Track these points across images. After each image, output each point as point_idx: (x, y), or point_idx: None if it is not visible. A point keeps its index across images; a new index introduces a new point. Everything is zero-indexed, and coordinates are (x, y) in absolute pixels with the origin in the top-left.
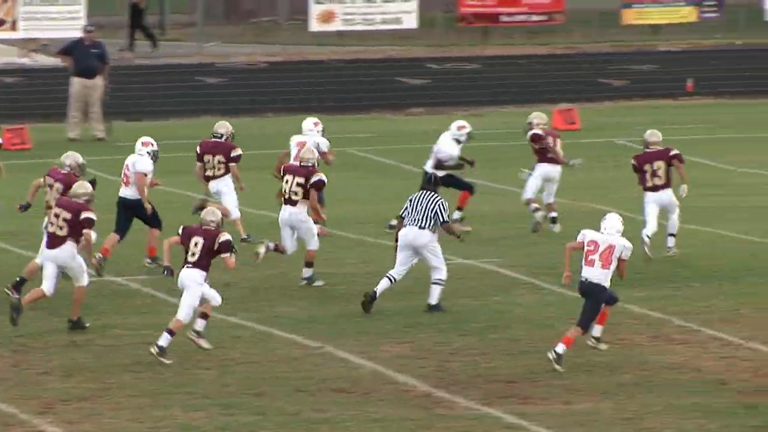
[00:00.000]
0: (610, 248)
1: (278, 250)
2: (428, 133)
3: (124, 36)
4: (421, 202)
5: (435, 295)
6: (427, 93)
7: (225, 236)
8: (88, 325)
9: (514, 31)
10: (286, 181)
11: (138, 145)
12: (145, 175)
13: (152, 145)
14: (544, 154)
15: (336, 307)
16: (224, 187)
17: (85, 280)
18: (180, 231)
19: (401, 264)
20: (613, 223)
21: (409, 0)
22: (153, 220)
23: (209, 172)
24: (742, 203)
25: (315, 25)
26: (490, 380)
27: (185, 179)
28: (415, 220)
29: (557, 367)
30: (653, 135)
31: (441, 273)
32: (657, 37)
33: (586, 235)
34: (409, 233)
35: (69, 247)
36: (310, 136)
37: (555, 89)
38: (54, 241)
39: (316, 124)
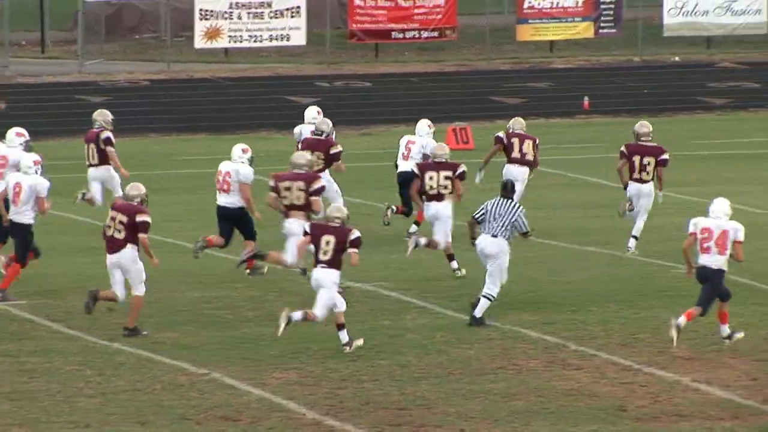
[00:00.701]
0: (724, 233)
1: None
2: None
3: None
4: (499, 209)
5: (482, 307)
6: None
7: (356, 233)
8: (145, 333)
9: (405, 48)
10: None
11: (237, 152)
12: (250, 184)
13: (250, 151)
14: (509, 156)
15: (221, 332)
16: None
17: (142, 290)
18: (308, 230)
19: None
20: (721, 206)
21: (298, 16)
22: (250, 232)
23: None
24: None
25: (200, 42)
26: (381, 407)
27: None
28: (490, 228)
29: (674, 335)
30: (643, 126)
31: (494, 288)
32: (553, 53)
33: (698, 223)
34: (481, 242)
35: (130, 250)
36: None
37: (449, 108)
38: (113, 245)
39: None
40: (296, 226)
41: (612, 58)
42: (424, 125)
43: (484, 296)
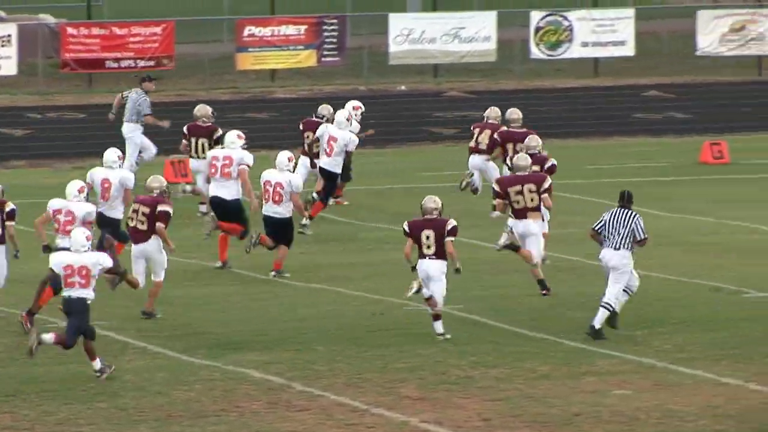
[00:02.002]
0: None
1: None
2: (48, 187)
3: None
4: (619, 220)
5: (600, 318)
6: (28, 145)
7: (452, 222)
8: (158, 315)
9: (121, 77)
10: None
11: (283, 159)
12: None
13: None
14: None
15: None
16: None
17: (162, 276)
18: (406, 228)
19: (611, 289)
20: None
21: (8, 45)
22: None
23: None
24: (368, 260)
25: None
26: None
27: None
28: (612, 242)
29: None
30: (514, 113)
31: (612, 297)
32: (275, 83)
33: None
34: (605, 255)
35: (154, 240)
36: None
37: (167, 139)
38: (137, 236)
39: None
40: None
41: (336, 87)
42: (342, 117)
43: (604, 306)
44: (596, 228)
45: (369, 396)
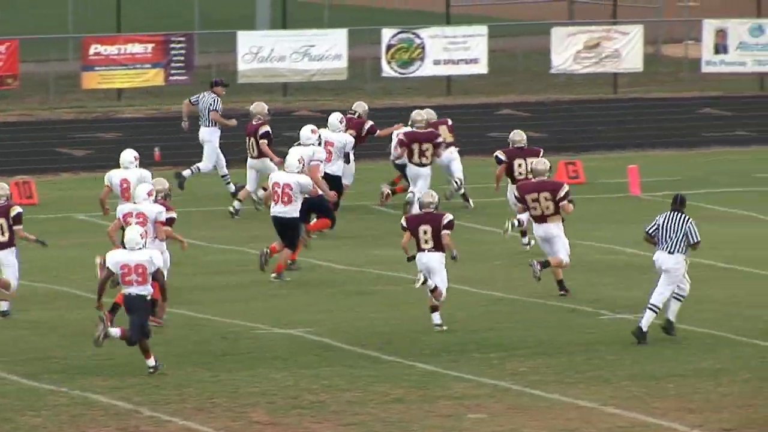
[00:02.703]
0: None
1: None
2: None
3: None
4: (672, 224)
5: (647, 320)
6: None
7: (449, 216)
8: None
9: None
10: None
11: (293, 161)
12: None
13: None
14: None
15: None
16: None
17: (165, 274)
18: (404, 223)
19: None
20: None
21: None
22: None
23: None
24: (217, 283)
25: None
26: None
27: None
28: (666, 245)
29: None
30: (418, 114)
31: (660, 299)
32: (122, 102)
33: None
34: (659, 258)
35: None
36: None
37: (11, 160)
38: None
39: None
40: None
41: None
42: (335, 119)
43: (676, 297)
44: (650, 232)
45: (219, 421)
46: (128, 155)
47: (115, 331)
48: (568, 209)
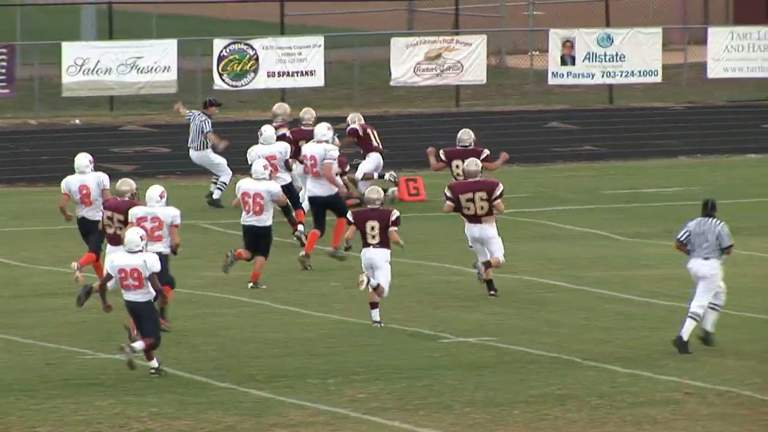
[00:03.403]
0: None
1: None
2: None
3: None
4: (704, 229)
5: (687, 329)
6: None
7: (396, 212)
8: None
9: None
10: None
11: (258, 168)
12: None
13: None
14: (369, 145)
15: None
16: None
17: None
18: (351, 218)
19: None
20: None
21: None
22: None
23: None
24: (40, 306)
25: None
26: None
27: None
28: (700, 251)
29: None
30: (307, 112)
31: (700, 307)
32: None
33: None
34: (693, 265)
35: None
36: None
37: None
38: (118, 242)
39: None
40: None
41: (6, 121)
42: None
43: (712, 307)
44: (681, 239)
45: None
46: (83, 159)
47: (139, 345)
48: (501, 207)
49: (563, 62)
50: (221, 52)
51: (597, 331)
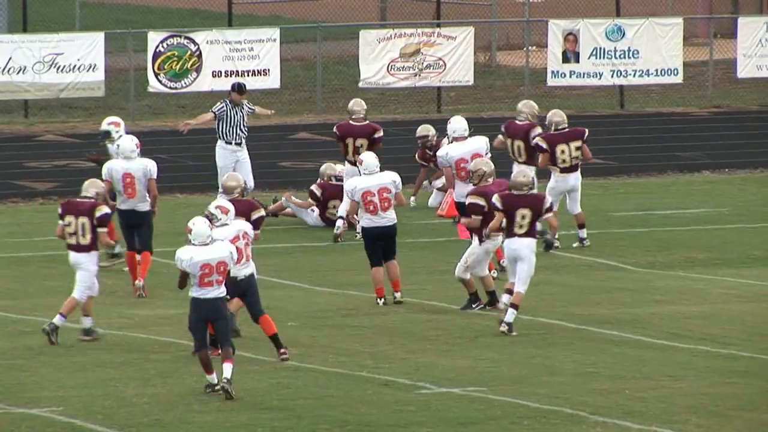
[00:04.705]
0: None
1: None
2: None
3: None
4: None
5: None
6: None
7: (549, 199)
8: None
9: None
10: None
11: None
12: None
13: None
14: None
15: None
16: None
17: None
18: (499, 205)
19: None
20: None
21: None
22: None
23: None
24: None
25: None
26: None
27: None
28: None
29: None
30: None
31: None
32: None
33: None
34: None
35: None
36: None
37: None
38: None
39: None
40: None
41: None
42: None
43: None
44: None
45: None
46: (129, 143)
47: (228, 370)
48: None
49: (565, 59)
50: (157, 47)
51: (604, 379)
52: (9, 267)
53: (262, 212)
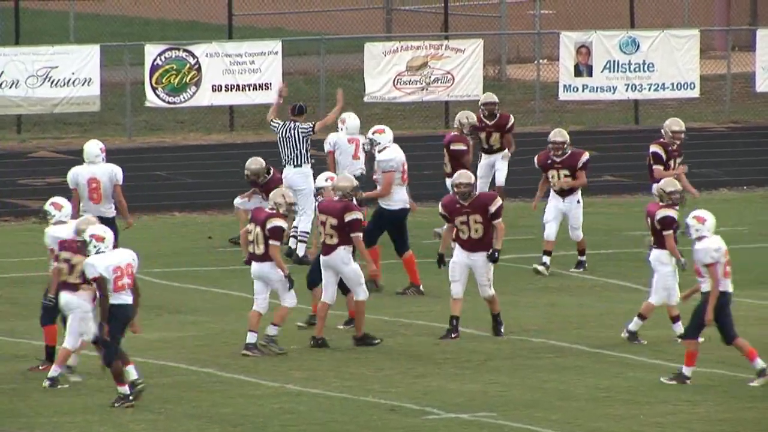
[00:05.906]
0: None
1: None
2: None
3: None
4: None
5: None
6: None
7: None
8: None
9: None
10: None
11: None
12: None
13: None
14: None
15: None
16: None
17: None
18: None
19: None
20: None
21: None
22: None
23: None
24: None
25: None
26: None
27: None
28: None
29: None
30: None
31: None
32: None
33: None
34: None
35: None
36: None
37: None
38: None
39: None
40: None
41: None
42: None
43: None
44: None
45: None
46: (93, 147)
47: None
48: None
49: (578, 73)
50: (155, 60)
51: (619, 404)
52: (1, 288)
53: (358, 215)
